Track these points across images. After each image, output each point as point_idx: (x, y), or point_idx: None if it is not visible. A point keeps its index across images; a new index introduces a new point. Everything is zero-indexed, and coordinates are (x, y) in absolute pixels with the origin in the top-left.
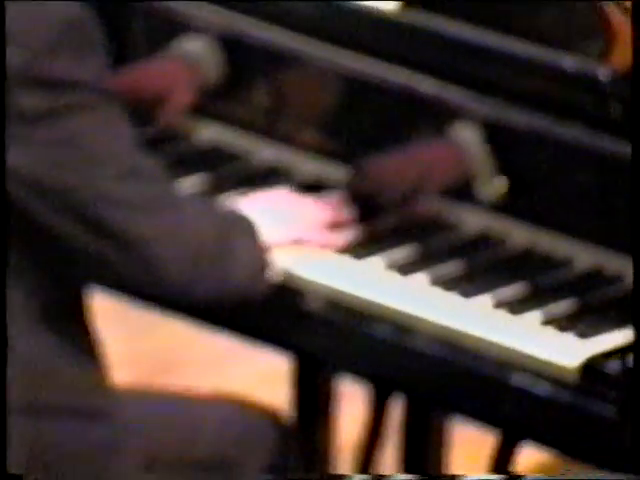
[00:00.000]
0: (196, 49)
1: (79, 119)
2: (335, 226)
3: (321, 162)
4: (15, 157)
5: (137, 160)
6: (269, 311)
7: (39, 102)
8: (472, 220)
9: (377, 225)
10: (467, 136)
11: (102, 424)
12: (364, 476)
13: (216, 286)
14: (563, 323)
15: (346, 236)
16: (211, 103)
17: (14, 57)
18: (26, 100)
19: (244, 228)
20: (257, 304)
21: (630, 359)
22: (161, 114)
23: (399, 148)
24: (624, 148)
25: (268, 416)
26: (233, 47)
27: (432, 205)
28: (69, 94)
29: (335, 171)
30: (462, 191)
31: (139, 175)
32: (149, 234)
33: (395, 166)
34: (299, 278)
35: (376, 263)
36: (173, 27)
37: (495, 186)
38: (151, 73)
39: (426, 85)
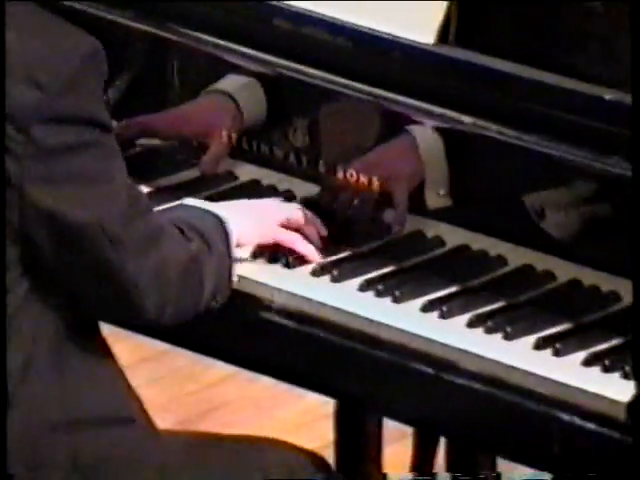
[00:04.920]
0: (237, 88)
1: (90, 154)
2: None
3: None
4: (32, 193)
5: (132, 196)
6: (308, 355)
7: (57, 138)
8: (514, 257)
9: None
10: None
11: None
12: None
13: (185, 310)
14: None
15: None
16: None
17: (32, 96)
18: (44, 137)
19: (216, 241)
20: (295, 349)
21: None
22: (204, 158)
23: None
24: None
25: (311, 458)
26: (273, 86)
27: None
28: (85, 129)
29: None
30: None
31: (133, 213)
32: (135, 273)
33: None
34: (337, 316)
35: (415, 306)
36: (214, 68)
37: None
38: (194, 113)
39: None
